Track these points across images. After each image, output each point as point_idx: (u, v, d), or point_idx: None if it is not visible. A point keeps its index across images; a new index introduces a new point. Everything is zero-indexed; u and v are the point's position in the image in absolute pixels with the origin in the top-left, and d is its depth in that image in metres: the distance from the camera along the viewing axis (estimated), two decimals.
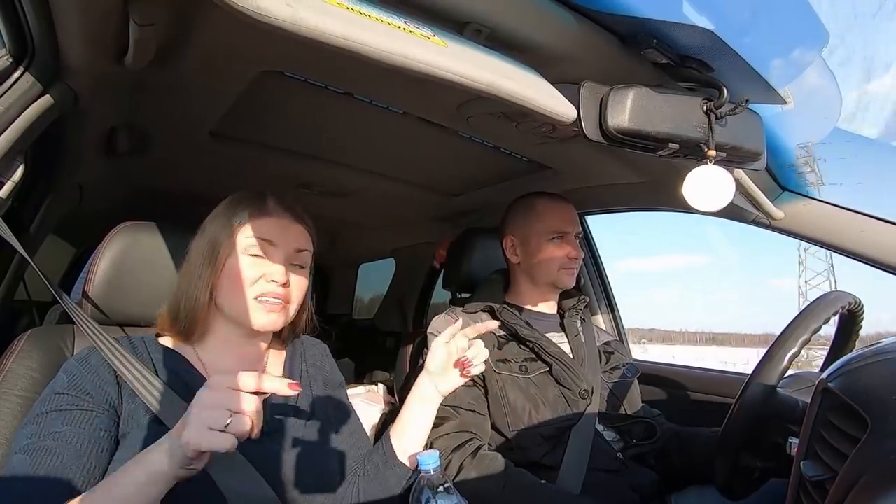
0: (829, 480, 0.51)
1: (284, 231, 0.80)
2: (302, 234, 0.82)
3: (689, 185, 0.75)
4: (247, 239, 0.77)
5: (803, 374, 0.93)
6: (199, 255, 0.78)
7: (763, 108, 0.82)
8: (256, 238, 0.77)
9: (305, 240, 0.83)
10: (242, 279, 0.76)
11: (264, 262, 0.77)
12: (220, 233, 0.78)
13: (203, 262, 0.77)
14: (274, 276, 0.76)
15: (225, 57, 0.85)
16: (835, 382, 0.57)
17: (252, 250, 0.77)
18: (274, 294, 0.76)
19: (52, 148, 1.07)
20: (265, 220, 0.79)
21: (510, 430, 1.07)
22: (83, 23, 0.72)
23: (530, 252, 1.21)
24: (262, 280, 0.76)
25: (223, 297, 0.77)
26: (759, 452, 0.88)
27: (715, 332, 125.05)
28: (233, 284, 0.76)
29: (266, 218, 0.79)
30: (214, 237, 0.78)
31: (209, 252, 0.77)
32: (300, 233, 0.82)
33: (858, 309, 0.91)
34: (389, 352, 2.41)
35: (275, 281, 0.76)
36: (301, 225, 0.83)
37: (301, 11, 0.49)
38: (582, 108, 0.71)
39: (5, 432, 0.71)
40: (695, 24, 0.62)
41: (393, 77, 0.84)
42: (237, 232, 0.77)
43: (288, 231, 0.80)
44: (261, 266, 0.77)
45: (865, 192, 0.97)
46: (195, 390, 0.72)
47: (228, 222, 0.78)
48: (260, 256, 0.77)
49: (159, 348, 0.77)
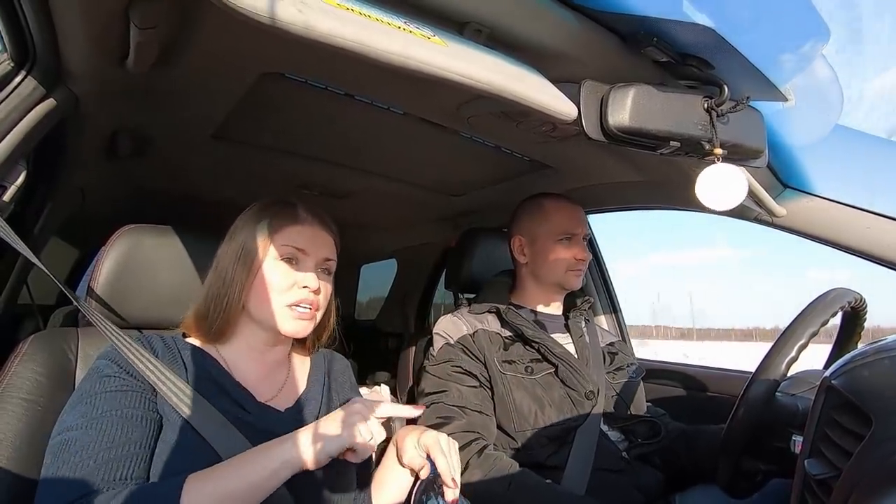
0: (833, 478, 0.51)
1: (315, 240, 0.81)
2: (330, 243, 0.84)
3: (701, 185, 0.75)
4: (281, 247, 0.78)
5: (804, 375, 0.93)
6: (232, 260, 0.79)
7: (764, 106, 0.82)
8: (289, 246, 0.79)
9: (332, 248, 0.84)
10: (276, 286, 0.77)
11: (296, 270, 0.79)
12: (253, 239, 0.79)
13: (235, 268, 0.78)
14: (306, 283, 0.78)
15: (226, 59, 0.85)
16: (838, 380, 0.57)
17: (285, 257, 0.78)
18: (306, 301, 0.78)
19: (54, 151, 1.07)
20: (298, 228, 0.80)
21: (516, 431, 1.07)
22: (84, 26, 0.72)
23: (538, 252, 1.21)
24: (294, 287, 0.78)
25: (254, 303, 0.78)
26: (761, 455, 0.88)
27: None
28: (266, 290, 0.77)
29: (299, 226, 0.80)
30: (247, 244, 0.79)
31: (242, 259, 0.78)
32: (328, 242, 0.84)
33: (861, 306, 0.91)
34: (391, 352, 2.41)
35: (307, 287, 0.78)
36: (329, 233, 0.84)
37: (302, 13, 0.49)
38: (582, 106, 0.71)
39: (10, 435, 0.70)
40: (695, 22, 0.62)
41: (393, 77, 0.84)
42: (270, 239, 0.79)
43: (318, 239, 0.82)
44: (293, 274, 0.78)
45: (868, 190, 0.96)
46: (224, 387, 0.75)
47: (261, 229, 0.79)
48: (292, 264, 0.79)
49: (188, 346, 0.78)
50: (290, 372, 0.85)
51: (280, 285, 0.77)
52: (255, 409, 0.75)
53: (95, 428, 0.63)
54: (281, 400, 0.80)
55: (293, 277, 0.78)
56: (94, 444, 0.62)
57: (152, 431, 0.67)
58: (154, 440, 0.67)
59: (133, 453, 0.63)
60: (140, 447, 0.65)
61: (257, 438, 0.70)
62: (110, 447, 0.62)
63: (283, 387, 0.82)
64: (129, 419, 0.65)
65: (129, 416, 0.66)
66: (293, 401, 0.81)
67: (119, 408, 0.66)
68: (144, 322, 0.88)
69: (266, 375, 0.82)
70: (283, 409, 0.79)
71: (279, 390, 0.82)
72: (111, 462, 0.61)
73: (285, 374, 0.84)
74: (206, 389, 0.72)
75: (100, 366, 0.71)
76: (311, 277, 0.78)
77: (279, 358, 0.84)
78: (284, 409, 0.79)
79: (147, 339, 0.75)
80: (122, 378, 0.69)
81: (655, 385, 1.52)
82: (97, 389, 0.67)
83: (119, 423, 0.64)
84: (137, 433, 0.65)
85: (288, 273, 0.78)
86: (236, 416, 0.72)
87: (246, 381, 0.78)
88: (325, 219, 0.85)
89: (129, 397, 0.67)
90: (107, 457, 0.61)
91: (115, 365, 0.70)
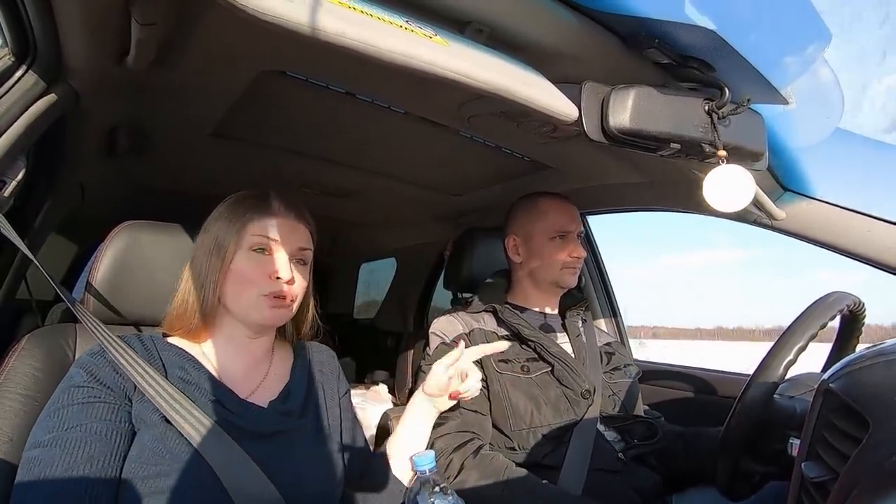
0: (831, 481, 0.51)
1: (289, 230, 0.81)
2: (304, 233, 0.84)
3: (709, 186, 0.75)
4: (252, 238, 0.78)
5: (802, 378, 0.93)
6: (205, 254, 0.78)
7: (765, 109, 0.82)
8: (262, 237, 0.78)
9: (307, 239, 0.84)
10: (249, 277, 0.77)
11: (269, 261, 0.78)
12: (225, 232, 0.78)
13: (209, 262, 0.78)
14: (279, 274, 0.77)
15: (226, 56, 0.85)
16: (836, 383, 0.57)
17: (257, 249, 0.78)
18: (280, 292, 0.78)
19: (53, 147, 1.07)
20: (270, 219, 0.80)
21: (512, 430, 1.07)
22: (85, 22, 0.72)
23: (533, 251, 1.21)
24: (268, 278, 0.77)
25: (229, 296, 0.78)
26: (759, 457, 0.88)
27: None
28: (239, 283, 0.77)
29: (271, 218, 0.80)
30: (219, 237, 0.78)
31: (215, 251, 0.78)
32: (303, 232, 0.83)
33: (860, 310, 0.91)
34: (390, 351, 2.41)
35: (280, 279, 0.77)
36: (303, 224, 0.84)
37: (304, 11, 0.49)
38: (583, 107, 0.71)
39: (7, 430, 0.70)
40: (696, 24, 0.62)
41: (394, 76, 0.84)
42: (242, 231, 0.78)
43: (292, 230, 0.81)
44: (266, 264, 0.78)
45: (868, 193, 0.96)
46: (203, 388, 0.74)
47: (233, 222, 0.79)
48: (265, 255, 0.78)
49: (167, 346, 0.78)
50: (272, 366, 0.85)
51: (253, 276, 0.77)
52: (236, 406, 0.75)
53: (59, 446, 0.63)
54: (263, 394, 0.80)
55: (266, 268, 0.77)
56: (57, 465, 0.62)
57: (120, 443, 0.67)
58: (123, 451, 0.67)
59: (95, 471, 0.63)
60: (104, 463, 0.64)
61: (240, 436, 0.70)
62: (72, 467, 0.62)
63: (265, 380, 0.82)
64: (94, 434, 0.65)
65: (94, 431, 0.65)
66: (276, 394, 0.81)
67: (85, 421, 0.65)
68: (142, 318, 0.88)
69: (248, 370, 0.81)
70: (266, 403, 0.79)
71: (260, 383, 0.81)
72: (71, 484, 0.62)
73: (266, 368, 0.84)
74: (186, 390, 0.72)
75: (72, 374, 0.70)
76: (284, 268, 0.78)
77: (261, 351, 0.84)
78: (267, 404, 0.79)
79: (126, 340, 0.74)
80: (91, 388, 0.68)
81: (653, 386, 1.52)
82: (65, 402, 0.67)
83: (82, 440, 0.64)
84: (101, 448, 0.65)
85: (261, 263, 0.78)
86: (218, 416, 0.71)
87: (227, 377, 0.78)
88: (299, 209, 0.84)
89: (97, 409, 0.67)
90: (67, 479, 0.61)
91: (86, 373, 0.69)
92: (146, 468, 0.65)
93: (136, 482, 0.65)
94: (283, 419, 0.78)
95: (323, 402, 0.86)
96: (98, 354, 0.72)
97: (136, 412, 0.69)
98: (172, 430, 0.67)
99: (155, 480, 0.65)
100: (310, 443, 0.80)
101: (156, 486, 0.65)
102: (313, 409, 0.84)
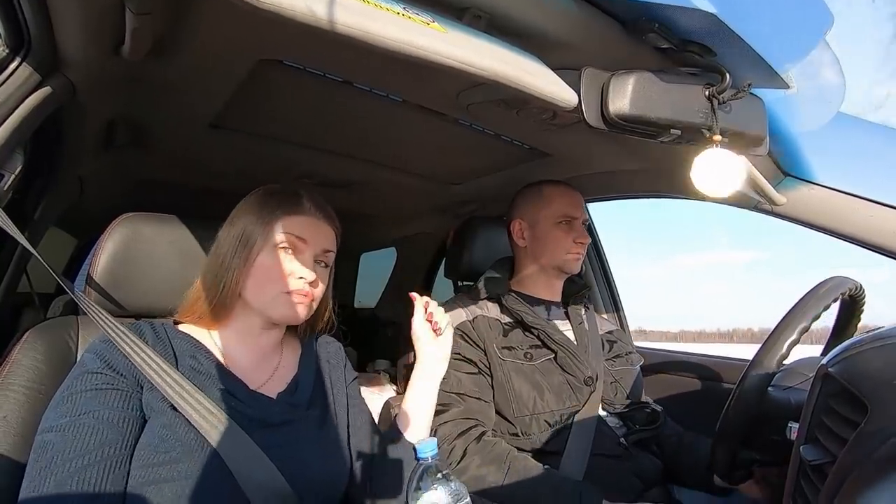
0: (829, 464, 0.52)
1: (316, 231, 0.81)
2: (331, 235, 0.84)
3: (697, 170, 0.75)
4: (280, 235, 0.78)
5: (799, 366, 0.93)
6: (231, 245, 0.78)
7: (765, 93, 0.81)
8: (290, 235, 0.78)
9: (333, 241, 0.84)
10: (273, 274, 0.77)
11: (294, 260, 0.78)
12: (254, 226, 0.78)
13: (234, 253, 0.78)
14: (303, 274, 0.78)
15: (223, 46, 0.84)
16: (835, 368, 0.57)
17: (283, 246, 0.78)
18: (302, 291, 0.78)
19: (51, 140, 1.06)
20: (300, 218, 0.80)
21: (515, 417, 1.08)
22: (79, 12, 0.71)
23: (538, 236, 1.22)
24: (291, 277, 0.77)
25: (250, 289, 0.78)
26: (756, 445, 0.89)
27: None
28: (262, 278, 0.77)
29: (301, 216, 0.80)
30: (247, 230, 0.78)
31: (241, 244, 0.78)
32: (330, 233, 0.84)
33: (859, 294, 0.91)
34: (391, 340, 2.42)
35: (303, 278, 0.78)
36: (331, 226, 0.84)
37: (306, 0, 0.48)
38: (583, 94, 0.70)
39: (12, 422, 0.71)
40: (697, 8, 0.61)
41: (392, 64, 0.84)
42: (271, 227, 0.78)
43: (320, 230, 0.82)
44: (291, 262, 0.78)
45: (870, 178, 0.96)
46: (214, 377, 0.75)
47: (262, 217, 0.79)
48: (291, 253, 0.78)
49: (179, 335, 0.78)
50: (282, 357, 0.86)
51: (277, 273, 0.77)
52: (246, 397, 0.75)
53: (72, 431, 0.64)
54: (273, 385, 0.81)
55: (291, 266, 0.78)
56: (69, 450, 0.62)
57: (131, 431, 0.67)
58: (134, 438, 0.67)
59: (107, 457, 0.64)
60: (116, 450, 0.65)
61: (249, 426, 0.71)
62: (84, 453, 0.63)
63: (275, 372, 0.83)
64: (106, 421, 0.65)
65: (106, 418, 0.66)
66: (285, 385, 0.82)
67: (97, 408, 0.66)
68: (142, 310, 0.89)
69: (258, 361, 0.82)
70: (275, 394, 0.79)
71: (271, 376, 0.82)
72: (83, 470, 0.62)
73: (277, 360, 0.85)
74: (196, 379, 0.72)
75: (85, 360, 0.71)
76: (308, 268, 0.78)
77: (272, 343, 0.84)
78: (276, 395, 0.79)
79: (137, 328, 0.74)
80: (104, 374, 0.69)
81: (654, 374, 1.53)
82: (78, 387, 0.67)
83: (94, 427, 0.64)
84: (112, 435, 0.65)
85: (286, 262, 0.78)
86: (228, 405, 0.72)
87: (238, 368, 0.78)
88: (328, 211, 0.85)
89: (110, 396, 0.67)
90: (79, 464, 0.62)
91: (100, 360, 0.70)
92: (156, 455, 0.66)
93: (146, 469, 0.65)
94: (291, 410, 0.79)
95: (331, 394, 0.87)
96: (110, 342, 0.72)
97: (147, 400, 0.70)
98: (181, 419, 0.68)
99: (164, 468, 0.65)
100: (317, 433, 0.80)
101: (165, 473, 0.65)
102: (321, 400, 0.85)
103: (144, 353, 0.70)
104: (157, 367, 0.70)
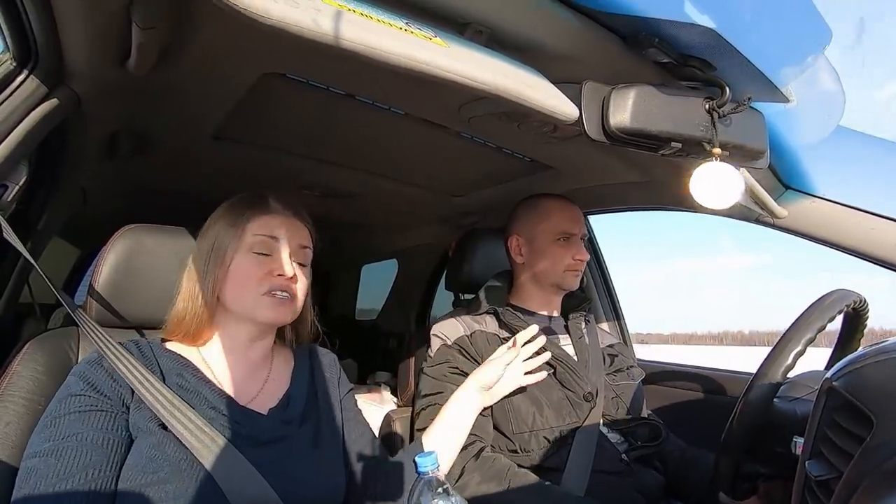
0: (834, 480, 0.51)
1: (288, 227, 0.81)
2: (304, 232, 0.84)
3: (695, 183, 0.75)
4: (252, 237, 0.78)
5: (803, 379, 0.93)
6: (204, 257, 0.78)
7: (766, 107, 0.81)
8: (262, 236, 0.78)
9: (307, 237, 0.84)
10: (250, 276, 0.77)
11: (270, 259, 0.78)
12: (225, 234, 0.78)
13: (208, 264, 0.77)
14: (281, 271, 0.77)
15: (227, 60, 0.85)
16: (839, 381, 0.56)
17: (257, 248, 0.78)
18: (282, 287, 0.78)
19: (55, 151, 1.07)
20: (269, 217, 0.80)
21: (514, 433, 1.07)
22: (86, 26, 0.72)
23: (535, 252, 1.20)
24: (269, 276, 0.77)
25: (230, 297, 0.78)
26: (760, 459, 0.88)
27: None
28: (240, 283, 0.77)
29: (270, 216, 0.80)
30: (218, 238, 0.78)
31: (214, 254, 0.78)
32: (302, 230, 0.84)
33: (863, 307, 0.91)
34: (392, 353, 2.41)
35: (282, 275, 0.77)
36: (302, 223, 0.84)
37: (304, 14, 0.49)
38: (584, 107, 0.71)
39: (11, 434, 0.71)
40: (697, 23, 0.62)
41: (395, 78, 0.84)
42: (242, 232, 0.78)
43: (291, 227, 0.82)
44: (267, 263, 0.78)
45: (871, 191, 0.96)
46: (202, 394, 0.73)
47: (232, 223, 0.79)
48: (265, 254, 0.78)
49: (165, 353, 0.77)
50: (272, 370, 0.85)
51: (255, 275, 0.77)
52: (236, 413, 0.74)
53: (55, 456, 0.63)
54: (264, 400, 0.80)
55: (267, 266, 0.77)
56: (52, 475, 0.62)
57: (117, 452, 0.67)
58: (120, 459, 0.66)
59: (91, 479, 0.63)
60: (101, 472, 0.64)
61: (240, 444, 0.70)
62: (66, 478, 0.62)
63: (265, 385, 0.82)
64: (90, 444, 0.65)
65: (90, 440, 0.65)
66: (276, 400, 0.81)
67: (81, 430, 0.65)
68: (145, 322, 0.89)
69: (248, 374, 0.81)
70: (266, 410, 0.78)
71: (261, 389, 0.81)
72: (67, 496, 0.61)
73: (267, 372, 0.84)
74: (184, 397, 0.72)
75: (69, 382, 0.70)
76: (285, 264, 0.78)
77: (260, 355, 0.84)
78: (267, 411, 0.78)
79: (124, 347, 0.74)
80: (88, 396, 0.68)
81: (657, 387, 1.52)
82: (62, 411, 0.67)
83: (78, 450, 0.64)
84: (97, 458, 0.64)
85: (262, 262, 0.78)
86: (218, 423, 0.71)
87: (227, 383, 0.78)
88: (297, 208, 0.84)
89: (94, 417, 0.67)
90: (62, 489, 0.61)
91: (83, 382, 0.69)
92: (144, 476, 0.65)
93: (134, 490, 0.64)
94: (283, 426, 0.78)
95: (325, 408, 0.86)
96: (95, 363, 0.72)
97: (134, 420, 0.69)
98: (170, 438, 0.67)
99: (153, 488, 0.64)
100: (311, 450, 0.79)
101: (154, 494, 0.64)
102: (315, 415, 0.84)
103: (136, 370, 0.70)
104: (147, 385, 0.69)
